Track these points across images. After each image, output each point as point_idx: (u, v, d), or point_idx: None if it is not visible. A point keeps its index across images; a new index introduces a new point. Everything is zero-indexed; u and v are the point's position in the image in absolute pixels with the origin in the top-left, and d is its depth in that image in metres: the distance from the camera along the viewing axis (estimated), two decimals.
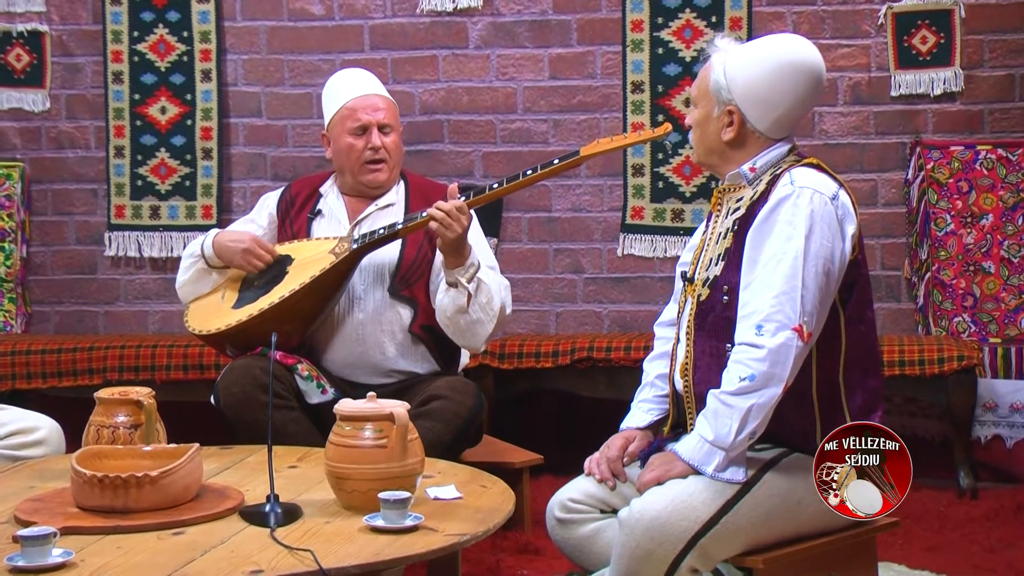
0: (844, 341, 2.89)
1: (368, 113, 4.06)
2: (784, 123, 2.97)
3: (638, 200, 5.50)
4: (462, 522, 2.74)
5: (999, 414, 5.10)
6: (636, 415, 3.16)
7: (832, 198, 2.85)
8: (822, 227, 2.81)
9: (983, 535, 4.22)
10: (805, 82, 2.94)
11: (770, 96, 2.93)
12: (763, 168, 2.97)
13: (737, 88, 2.94)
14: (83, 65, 5.82)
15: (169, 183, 5.77)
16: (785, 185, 2.86)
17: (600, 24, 5.52)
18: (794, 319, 2.75)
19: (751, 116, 2.95)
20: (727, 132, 2.97)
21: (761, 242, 2.84)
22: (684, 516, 2.76)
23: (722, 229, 2.99)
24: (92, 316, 5.87)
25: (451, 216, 3.69)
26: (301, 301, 3.86)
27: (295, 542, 2.56)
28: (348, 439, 2.84)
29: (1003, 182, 5.21)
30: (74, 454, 2.89)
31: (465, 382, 3.89)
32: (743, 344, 2.79)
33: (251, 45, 5.74)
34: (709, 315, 2.93)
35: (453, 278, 3.77)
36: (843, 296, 2.88)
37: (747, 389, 2.75)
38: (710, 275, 2.96)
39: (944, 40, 5.25)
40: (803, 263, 2.78)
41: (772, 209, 2.84)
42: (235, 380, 3.76)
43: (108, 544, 2.58)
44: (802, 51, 2.97)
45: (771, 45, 3.01)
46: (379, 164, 4.06)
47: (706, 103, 3.00)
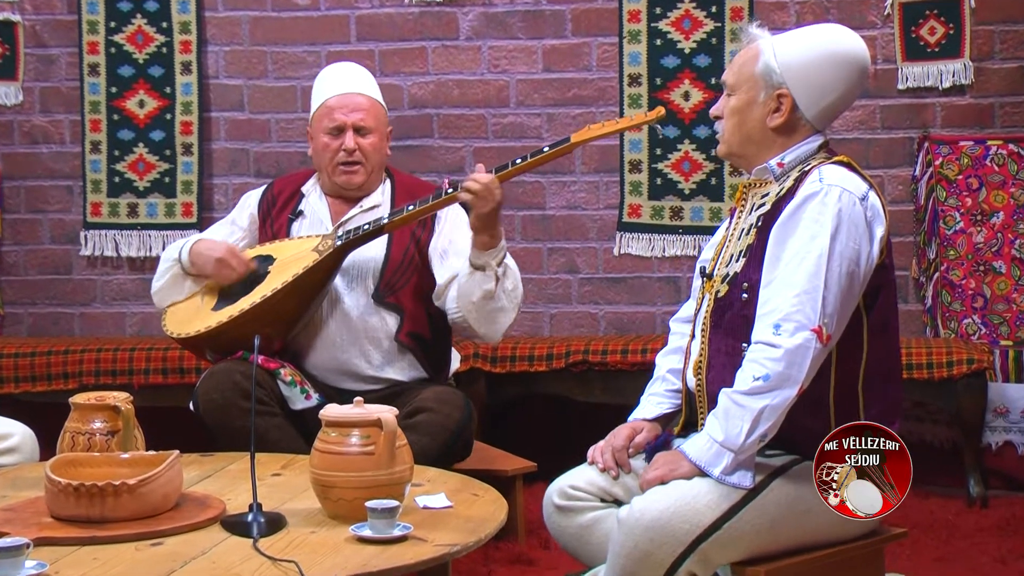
0: (866, 348, 2.90)
1: (344, 113, 4.05)
2: (831, 113, 3.01)
3: (635, 197, 5.51)
4: (453, 532, 2.74)
5: (1010, 420, 5.11)
6: (645, 407, 3.18)
7: (861, 199, 2.86)
8: (849, 227, 2.82)
9: (994, 545, 4.23)
10: (856, 72, 2.98)
11: (823, 82, 2.96)
12: (792, 164, 2.98)
13: (791, 71, 2.96)
14: (58, 57, 5.82)
15: (148, 180, 5.77)
16: (813, 182, 2.87)
17: (596, 14, 5.52)
18: (814, 320, 2.76)
19: (802, 101, 2.96)
20: (774, 118, 2.98)
21: (785, 239, 2.85)
22: (686, 519, 2.76)
23: (745, 225, 3.01)
24: (67, 318, 5.86)
25: (482, 191, 3.67)
26: (283, 301, 3.86)
27: (279, 553, 2.56)
28: (334, 446, 2.84)
29: (1014, 178, 5.22)
30: (48, 462, 2.88)
31: (453, 392, 3.89)
32: (759, 343, 2.79)
33: (233, 36, 5.73)
34: (727, 312, 2.95)
35: (482, 261, 3.75)
36: (868, 302, 2.89)
37: (761, 389, 2.76)
38: (730, 271, 2.97)
39: (953, 31, 5.26)
40: (827, 263, 2.78)
41: (798, 206, 2.85)
42: (215, 385, 3.76)
43: (84, 555, 2.58)
44: (854, 42, 3.01)
45: (823, 33, 3.05)
46: (353, 167, 4.04)
47: (750, 88, 3.01)
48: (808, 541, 2.90)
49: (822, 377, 2.83)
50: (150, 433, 3.28)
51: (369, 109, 4.09)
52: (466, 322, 3.87)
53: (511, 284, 3.80)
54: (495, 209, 3.69)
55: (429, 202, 3.83)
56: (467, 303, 3.81)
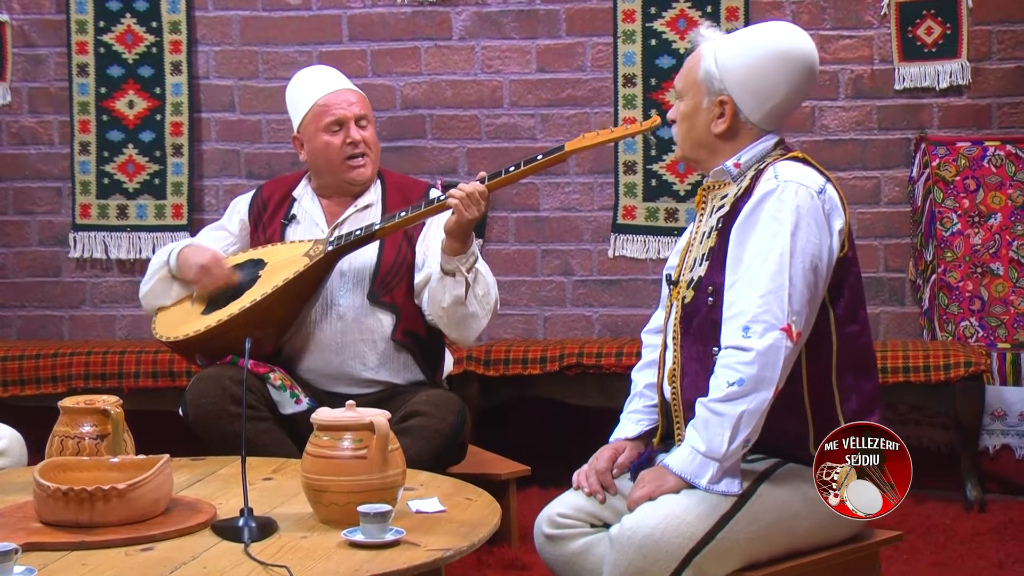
0: (835, 342, 2.89)
1: (343, 108, 4.05)
2: (777, 114, 2.98)
3: (630, 199, 5.51)
4: (446, 537, 2.73)
5: (1008, 423, 5.12)
6: (625, 426, 3.16)
7: (818, 192, 2.86)
8: (808, 222, 2.82)
9: (991, 550, 4.23)
10: (800, 71, 2.95)
11: (764, 86, 2.94)
12: (748, 163, 2.97)
13: (730, 77, 2.95)
14: (46, 56, 5.81)
15: (137, 181, 5.76)
16: (769, 180, 2.87)
17: (590, 14, 5.52)
18: (782, 319, 2.75)
19: (744, 106, 2.95)
20: (718, 124, 2.98)
21: (745, 239, 2.84)
22: (678, 533, 2.76)
23: (706, 228, 3.00)
24: (56, 321, 5.85)
25: (471, 199, 3.69)
26: (274, 306, 3.85)
27: (270, 558, 2.56)
28: (326, 450, 2.83)
29: (1012, 180, 5.22)
30: (37, 466, 2.88)
31: (448, 396, 3.89)
32: (730, 347, 2.79)
33: (223, 36, 5.73)
34: (694, 318, 2.94)
35: (452, 266, 3.77)
36: (833, 295, 2.88)
37: (736, 395, 2.75)
38: (694, 276, 2.96)
39: (950, 31, 5.26)
40: (790, 260, 2.78)
41: (756, 205, 2.85)
42: (203, 391, 3.76)
43: (73, 561, 2.58)
44: (796, 40, 2.97)
45: (764, 33, 3.02)
46: (362, 159, 4.05)
47: (694, 94, 3.01)
48: (800, 545, 2.89)
49: (795, 376, 2.83)
50: (140, 437, 3.28)
51: (360, 101, 4.11)
52: (437, 326, 3.90)
53: (482, 290, 3.81)
54: (475, 220, 3.72)
55: (421, 209, 3.84)
56: (437, 308, 3.84)
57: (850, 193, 5.30)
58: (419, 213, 3.84)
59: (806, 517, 2.83)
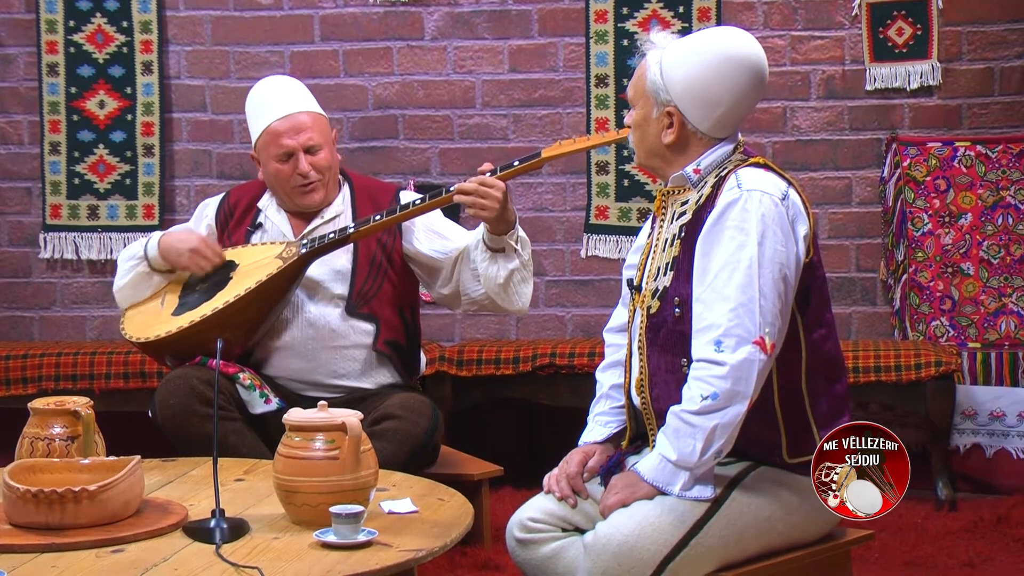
0: (804, 347, 2.89)
1: (291, 137, 3.99)
2: (727, 122, 2.94)
3: (602, 199, 5.52)
4: (418, 537, 2.74)
5: (978, 422, 5.14)
6: (594, 429, 3.15)
7: (782, 198, 2.84)
8: (775, 231, 2.80)
9: (962, 549, 4.25)
10: (747, 77, 2.90)
11: (710, 94, 2.89)
12: (708, 169, 2.94)
13: (675, 88, 2.91)
14: (15, 56, 5.78)
15: (108, 181, 5.74)
16: (732, 189, 2.84)
17: (562, 14, 5.53)
18: (754, 332, 2.74)
19: (692, 117, 2.92)
20: (667, 134, 2.95)
21: (710, 251, 2.82)
22: (652, 539, 2.76)
23: (668, 235, 2.97)
24: (26, 322, 5.83)
25: (477, 193, 3.69)
26: (246, 308, 3.85)
27: (242, 559, 2.56)
28: (298, 450, 2.84)
29: (982, 180, 5.25)
30: (6, 468, 2.87)
31: (420, 400, 3.88)
32: (702, 361, 2.77)
33: (195, 36, 5.71)
34: (661, 329, 2.92)
35: (502, 244, 3.79)
36: (800, 301, 2.87)
37: (710, 408, 2.75)
38: (659, 286, 2.94)
39: (921, 32, 5.29)
40: (758, 271, 2.76)
41: (720, 215, 2.82)
42: (172, 392, 3.75)
43: (43, 563, 2.57)
44: (742, 44, 2.93)
45: (708, 39, 2.97)
46: (311, 186, 4.02)
47: (644, 104, 2.98)
48: (774, 546, 2.90)
49: (766, 383, 2.81)
50: (111, 438, 3.27)
51: (313, 125, 4.03)
52: (491, 302, 3.92)
53: (527, 255, 3.86)
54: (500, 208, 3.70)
55: (397, 213, 3.84)
56: (494, 286, 3.85)
57: (821, 193, 5.33)
58: (392, 218, 3.84)
59: (780, 520, 2.85)
